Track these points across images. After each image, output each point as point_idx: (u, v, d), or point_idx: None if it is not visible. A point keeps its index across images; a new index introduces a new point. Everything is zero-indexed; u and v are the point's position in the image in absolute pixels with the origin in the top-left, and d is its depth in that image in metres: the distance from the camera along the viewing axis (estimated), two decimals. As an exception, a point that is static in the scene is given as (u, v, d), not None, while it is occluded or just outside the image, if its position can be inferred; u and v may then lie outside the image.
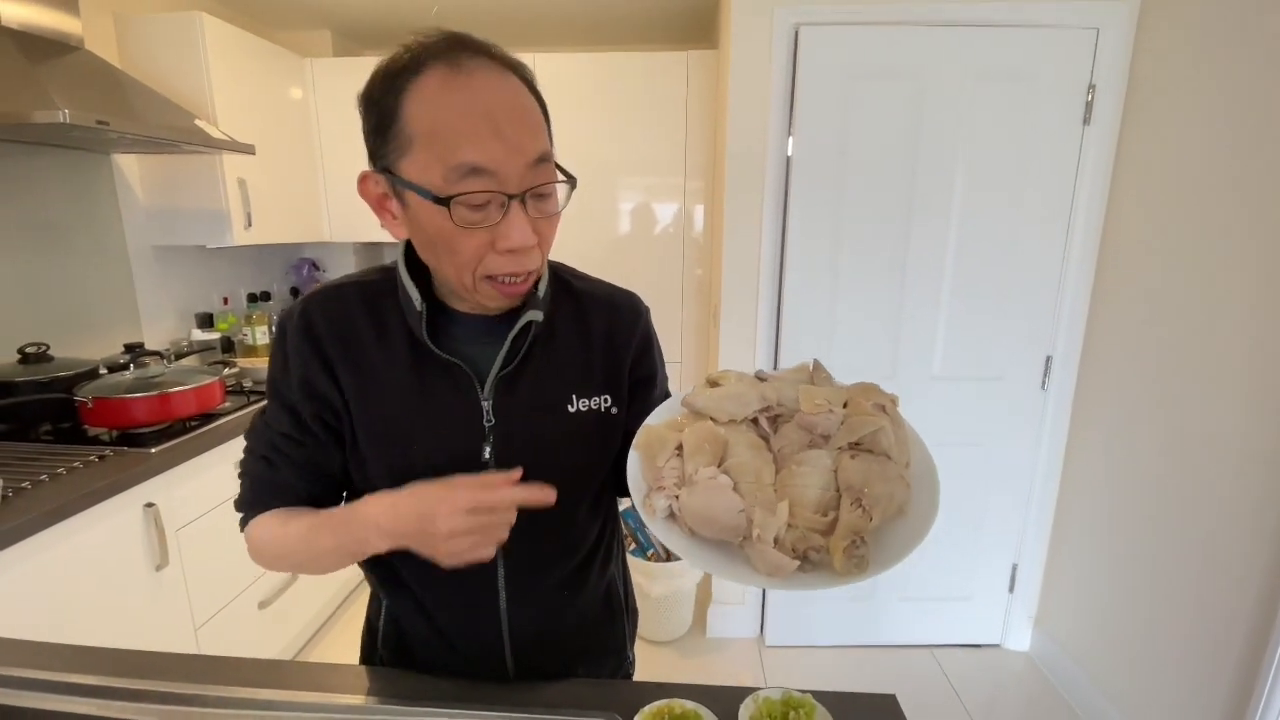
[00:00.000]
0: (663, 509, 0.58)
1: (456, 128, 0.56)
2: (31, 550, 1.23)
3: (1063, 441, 2.02)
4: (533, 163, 0.59)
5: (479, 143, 0.56)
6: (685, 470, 0.58)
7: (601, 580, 0.82)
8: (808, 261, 1.92)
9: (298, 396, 0.69)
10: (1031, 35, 1.76)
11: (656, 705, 0.68)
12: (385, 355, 0.69)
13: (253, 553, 0.72)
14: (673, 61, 2.45)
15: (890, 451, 0.56)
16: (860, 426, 0.56)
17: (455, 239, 0.59)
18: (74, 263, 1.91)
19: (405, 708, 0.70)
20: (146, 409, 1.59)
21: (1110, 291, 1.85)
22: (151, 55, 2.01)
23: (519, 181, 0.58)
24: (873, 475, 0.54)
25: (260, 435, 0.72)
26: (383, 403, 0.69)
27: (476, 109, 0.56)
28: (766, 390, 0.63)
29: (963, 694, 1.99)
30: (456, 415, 0.69)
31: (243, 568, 1.80)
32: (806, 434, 0.59)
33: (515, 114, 0.58)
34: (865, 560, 0.51)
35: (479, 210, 0.58)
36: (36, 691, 0.72)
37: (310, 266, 2.90)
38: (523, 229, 0.59)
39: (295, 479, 0.71)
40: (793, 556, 0.52)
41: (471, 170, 0.56)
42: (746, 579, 0.53)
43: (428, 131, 0.57)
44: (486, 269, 0.61)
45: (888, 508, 0.53)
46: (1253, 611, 1.37)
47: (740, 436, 0.60)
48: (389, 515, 0.58)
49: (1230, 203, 1.46)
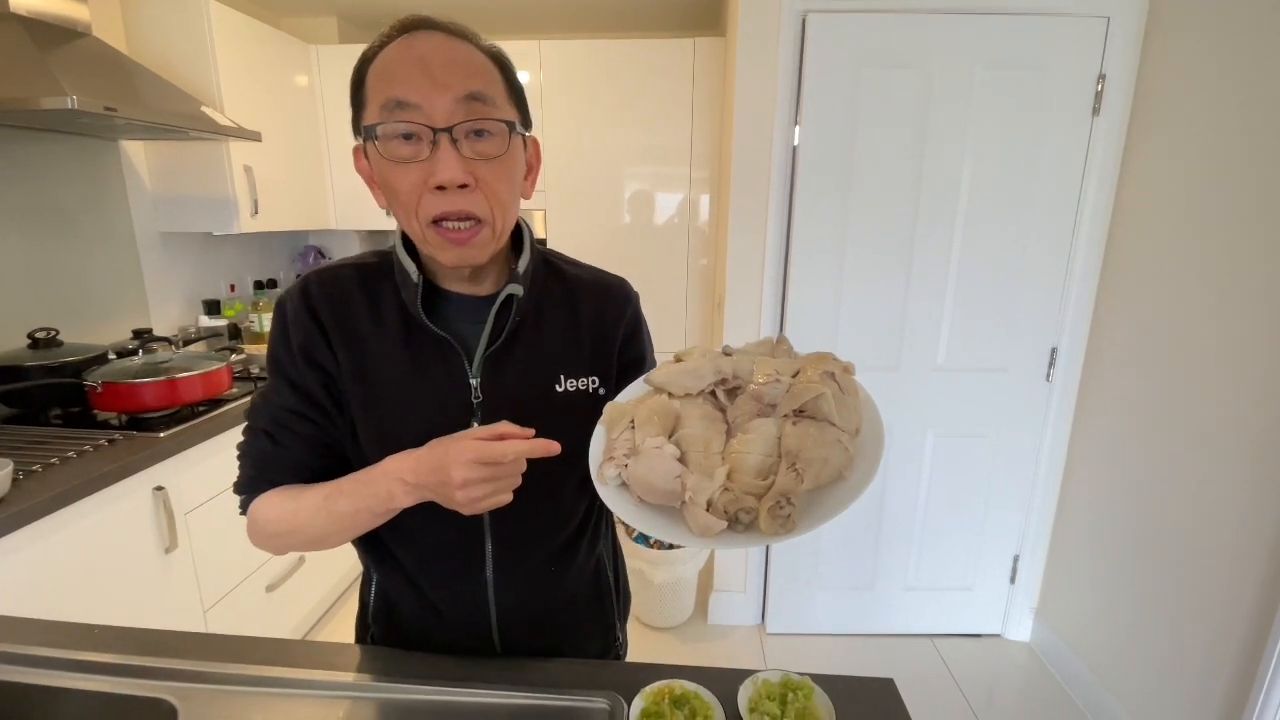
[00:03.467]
0: (612, 478, 0.60)
1: (392, 72, 0.61)
2: (42, 532, 1.25)
3: (1066, 434, 2.02)
4: (462, 98, 0.61)
5: (407, 80, 0.60)
6: (635, 441, 0.61)
7: (589, 558, 0.84)
8: (813, 251, 1.92)
9: (301, 368, 0.70)
10: (1041, 24, 1.74)
11: (657, 686, 0.69)
12: (378, 331, 0.71)
13: (255, 533, 0.73)
14: (679, 49, 2.44)
15: (832, 417, 0.57)
16: (802, 393, 0.58)
17: (391, 177, 0.62)
18: (82, 249, 1.93)
19: (406, 685, 0.72)
20: (155, 394, 1.61)
21: (1116, 284, 1.84)
22: (158, 42, 2.01)
23: (445, 115, 0.60)
24: (809, 440, 0.56)
25: (263, 412, 0.72)
26: (374, 377, 0.70)
27: (412, 56, 0.61)
28: (723, 364, 0.65)
29: (963, 683, 2.00)
30: (445, 392, 0.70)
31: (250, 551, 1.80)
32: (757, 403, 0.61)
33: (450, 60, 0.61)
34: (791, 520, 0.53)
35: (409, 144, 0.61)
36: (49, 669, 0.74)
37: (316, 254, 2.91)
38: (450, 164, 0.61)
39: (302, 454, 0.71)
40: (724, 518, 0.55)
41: (398, 104, 0.60)
42: (683, 539, 0.56)
43: (372, 84, 0.62)
44: (426, 211, 0.63)
45: (821, 472, 0.55)
46: (1253, 603, 1.37)
47: (695, 408, 0.63)
48: (411, 469, 0.60)
49: (1239, 195, 1.45)
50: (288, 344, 0.70)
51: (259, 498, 0.71)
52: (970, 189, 1.85)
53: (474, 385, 0.71)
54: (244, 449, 0.73)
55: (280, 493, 0.70)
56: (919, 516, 2.12)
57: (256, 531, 0.72)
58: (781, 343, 0.69)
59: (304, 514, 0.68)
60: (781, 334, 0.70)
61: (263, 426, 0.71)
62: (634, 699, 0.68)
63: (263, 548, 0.74)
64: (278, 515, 0.69)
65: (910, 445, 2.06)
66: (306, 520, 0.68)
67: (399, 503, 0.62)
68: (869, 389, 0.63)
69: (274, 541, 0.72)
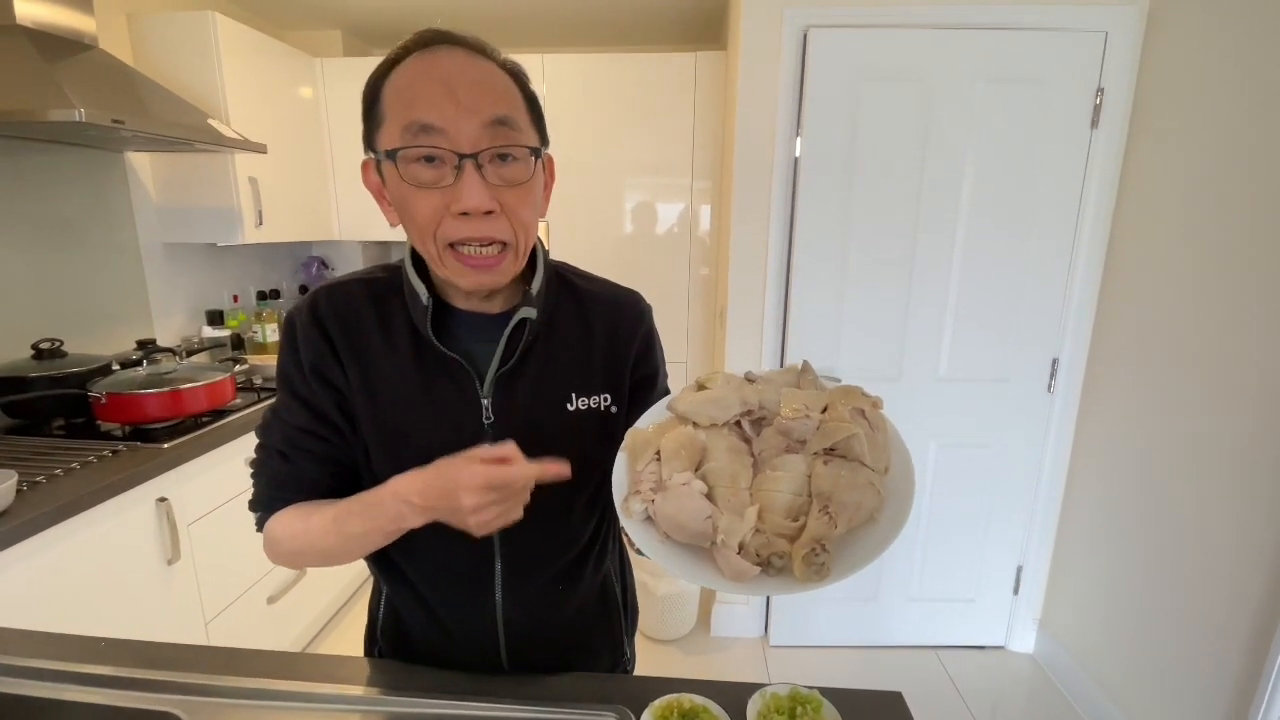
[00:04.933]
0: (638, 512, 0.59)
1: (415, 91, 0.60)
2: (46, 544, 1.25)
3: (1068, 444, 2.02)
4: (489, 123, 0.60)
5: (432, 103, 0.59)
6: (661, 475, 0.59)
7: (597, 575, 0.83)
8: (814, 262, 1.93)
9: (312, 386, 0.69)
10: (1040, 38, 1.76)
11: (665, 700, 0.69)
12: (388, 350, 0.70)
13: (271, 550, 0.73)
14: (681, 62, 2.46)
15: (864, 458, 0.56)
16: (834, 433, 0.57)
17: (411, 200, 0.61)
18: (87, 260, 1.94)
19: (412, 698, 0.71)
20: (159, 405, 1.61)
21: (1117, 295, 1.85)
22: (164, 54, 2.03)
23: (472, 141, 0.59)
24: (842, 483, 0.55)
25: (274, 431, 0.72)
26: (385, 397, 0.70)
27: (435, 76, 0.59)
28: (749, 393, 0.63)
29: (967, 695, 1.99)
30: (457, 412, 0.70)
31: (252, 563, 1.82)
32: (784, 438, 0.60)
33: (474, 83, 0.60)
34: (825, 568, 0.51)
35: (431, 167, 0.60)
36: (54, 682, 0.74)
37: (319, 265, 2.92)
38: (475, 190, 0.60)
39: (315, 473, 0.71)
40: (756, 562, 0.53)
41: (422, 128, 0.59)
42: (713, 583, 0.54)
43: (391, 102, 0.61)
44: (445, 234, 0.62)
45: (854, 516, 0.54)
46: (1255, 614, 1.37)
47: (721, 440, 0.61)
48: (419, 492, 0.59)
49: (1237, 207, 1.46)
50: (298, 361, 0.70)
51: (274, 516, 0.71)
52: (971, 201, 1.86)
53: (486, 405, 0.70)
54: (258, 467, 0.73)
55: (293, 511, 0.70)
56: (922, 527, 2.12)
57: (272, 548, 0.72)
58: (806, 371, 0.67)
59: (314, 533, 0.68)
60: (805, 362, 0.68)
61: (276, 445, 0.71)
62: (642, 713, 0.67)
63: (279, 564, 0.74)
64: (290, 534, 0.69)
65: (913, 456, 2.04)
66: (317, 539, 0.67)
67: (409, 523, 0.61)
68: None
69: (288, 559, 0.72)
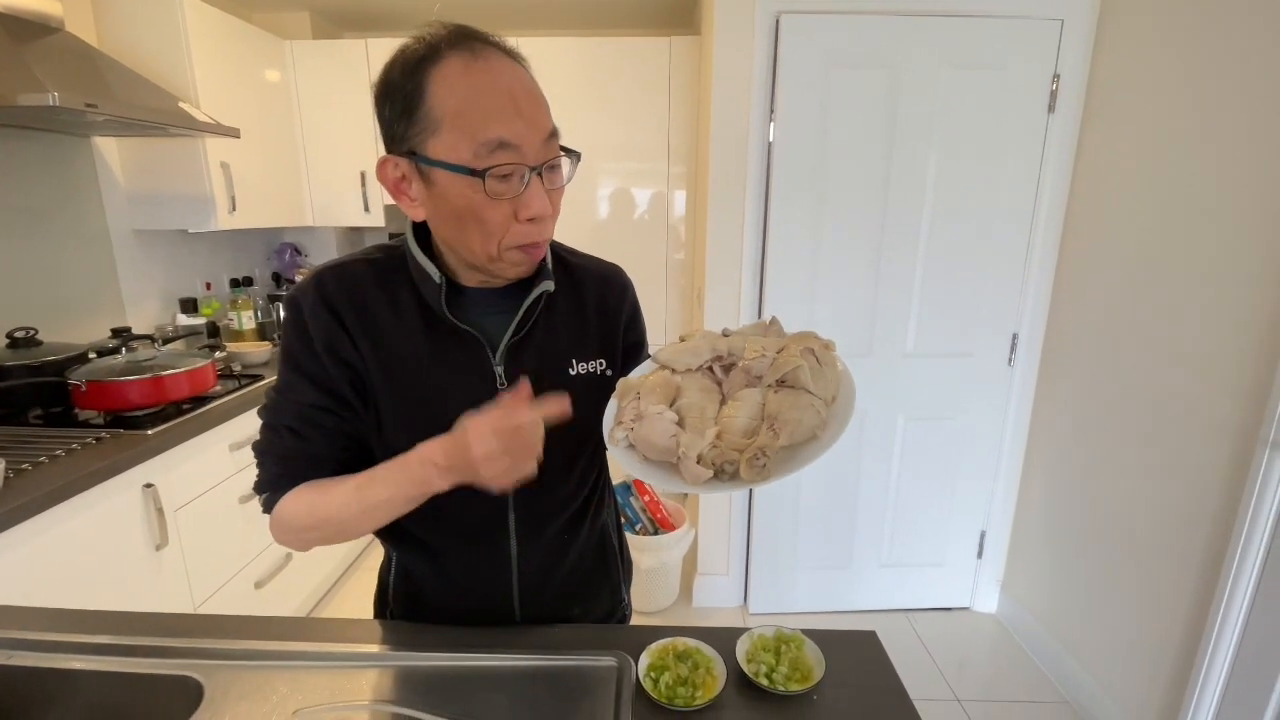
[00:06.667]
0: (620, 439, 0.69)
1: (484, 107, 0.62)
2: (35, 531, 1.26)
3: (1027, 415, 2.14)
4: (547, 138, 0.66)
5: (505, 120, 0.62)
6: (640, 408, 0.69)
7: (596, 525, 0.90)
8: (788, 244, 1.99)
9: (325, 364, 0.71)
10: (999, 25, 1.84)
11: (661, 643, 0.75)
12: (399, 325, 0.73)
13: (280, 529, 0.74)
14: (655, 47, 2.49)
15: (808, 386, 0.66)
16: (782, 366, 0.67)
17: (484, 210, 0.65)
18: (55, 248, 1.90)
19: (425, 653, 0.76)
20: (140, 392, 1.61)
21: (1072, 271, 1.95)
22: (130, 37, 1.99)
23: (537, 155, 0.65)
24: (786, 404, 0.65)
25: (283, 410, 0.73)
26: (400, 369, 0.73)
27: (500, 89, 0.63)
28: (720, 343, 0.75)
29: (935, 654, 2.11)
30: (472, 380, 0.74)
31: (239, 547, 1.83)
32: (746, 376, 0.70)
33: (530, 95, 0.65)
34: (766, 470, 0.61)
35: (505, 182, 0.64)
36: (65, 654, 0.76)
37: (292, 251, 2.89)
38: (541, 199, 0.66)
39: (328, 448, 0.73)
40: (711, 468, 0.63)
41: (500, 145, 0.62)
42: (680, 488, 0.64)
43: (455, 112, 0.62)
44: (514, 239, 0.67)
45: (796, 430, 0.64)
46: (1199, 572, 1.49)
47: (694, 382, 0.72)
48: (443, 452, 0.63)
49: (1186, 187, 1.56)
50: (307, 341, 0.72)
51: (285, 495, 0.72)
52: (936, 183, 1.94)
53: (499, 373, 0.75)
54: (265, 447, 0.74)
55: (306, 488, 0.72)
56: (891, 497, 2.22)
57: (282, 528, 0.74)
58: (773, 324, 0.78)
59: (334, 505, 0.70)
60: (774, 317, 0.78)
61: (286, 424, 0.72)
62: (640, 656, 0.73)
63: (286, 544, 0.75)
64: (306, 509, 0.71)
65: (882, 429, 2.15)
66: (336, 511, 0.70)
67: (434, 486, 0.65)
68: (845, 372, 0.71)
69: (300, 536, 0.73)
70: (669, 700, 0.68)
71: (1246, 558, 1.35)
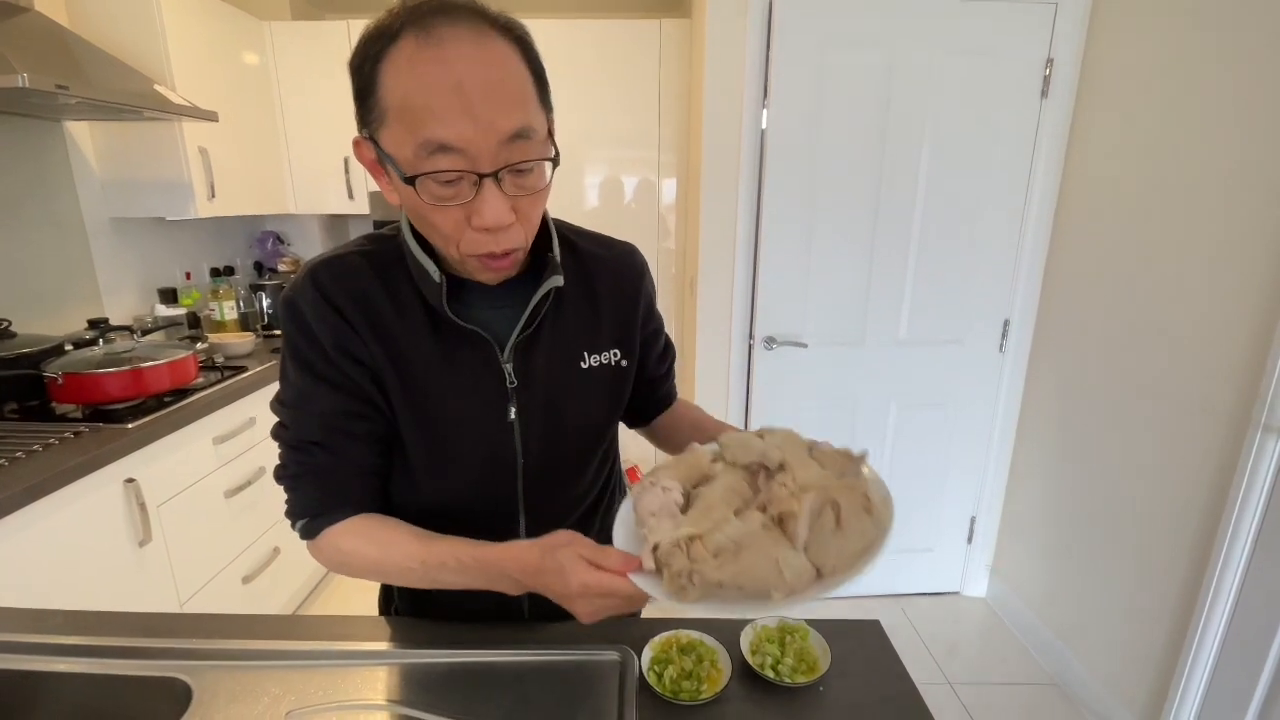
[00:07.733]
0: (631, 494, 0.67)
1: (425, 103, 0.54)
2: (13, 528, 1.22)
3: (1018, 401, 2.15)
4: (507, 139, 0.56)
5: (447, 120, 0.54)
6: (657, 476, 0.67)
7: (608, 520, 0.87)
8: (781, 231, 1.97)
9: (341, 366, 0.67)
10: (993, 10, 1.82)
11: (664, 636, 0.73)
12: (405, 325, 0.69)
13: (329, 561, 0.71)
14: (645, 30, 2.45)
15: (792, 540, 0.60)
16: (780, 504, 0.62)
17: (430, 215, 0.59)
18: (27, 236, 1.84)
19: (425, 650, 0.74)
20: (120, 384, 1.56)
21: (1063, 257, 1.95)
22: (104, 17, 1.91)
23: (491, 160, 0.56)
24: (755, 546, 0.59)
25: (304, 425, 0.68)
26: (408, 367, 0.69)
27: (446, 83, 0.53)
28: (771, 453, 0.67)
29: (927, 639, 2.13)
30: (481, 379, 0.70)
31: (226, 542, 1.80)
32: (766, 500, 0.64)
33: (489, 88, 0.55)
34: (684, 591, 0.56)
35: (450, 187, 0.57)
36: (50, 656, 0.73)
37: (274, 239, 2.83)
38: (496, 208, 0.57)
39: (364, 456, 0.70)
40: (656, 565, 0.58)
41: (439, 148, 0.54)
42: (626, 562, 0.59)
43: (399, 105, 0.55)
44: (469, 248, 0.61)
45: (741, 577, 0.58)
46: (1188, 556, 1.50)
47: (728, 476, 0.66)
48: (530, 575, 0.61)
49: (1178, 174, 1.56)
50: (316, 344, 0.67)
51: (336, 526, 0.69)
52: (929, 169, 1.93)
53: (507, 371, 0.71)
54: (294, 471, 0.69)
55: (366, 530, 0.69)
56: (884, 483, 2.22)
57: (333, 561, 0.71)
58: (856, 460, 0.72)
59: (393, 562, 0.68)
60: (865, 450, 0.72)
61: (310, 439, 0.67)
62: (643, 649, 0.72)
63: (330, 569, 0.73)
64: (362, 556, 0.69)
65: (875, 416, 2.15)
66: (395, 573, 0.68)
67: (503, 590, 0.64)
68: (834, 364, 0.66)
69: (351, 571, 0.71)
70: (674, 694, 0.67)
71: (1236, 540, 1.36)
